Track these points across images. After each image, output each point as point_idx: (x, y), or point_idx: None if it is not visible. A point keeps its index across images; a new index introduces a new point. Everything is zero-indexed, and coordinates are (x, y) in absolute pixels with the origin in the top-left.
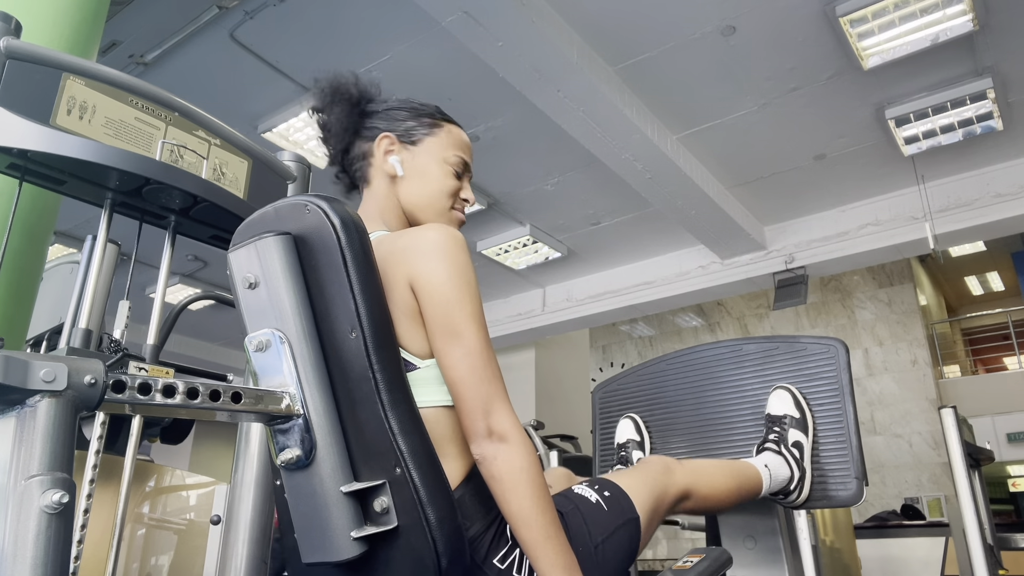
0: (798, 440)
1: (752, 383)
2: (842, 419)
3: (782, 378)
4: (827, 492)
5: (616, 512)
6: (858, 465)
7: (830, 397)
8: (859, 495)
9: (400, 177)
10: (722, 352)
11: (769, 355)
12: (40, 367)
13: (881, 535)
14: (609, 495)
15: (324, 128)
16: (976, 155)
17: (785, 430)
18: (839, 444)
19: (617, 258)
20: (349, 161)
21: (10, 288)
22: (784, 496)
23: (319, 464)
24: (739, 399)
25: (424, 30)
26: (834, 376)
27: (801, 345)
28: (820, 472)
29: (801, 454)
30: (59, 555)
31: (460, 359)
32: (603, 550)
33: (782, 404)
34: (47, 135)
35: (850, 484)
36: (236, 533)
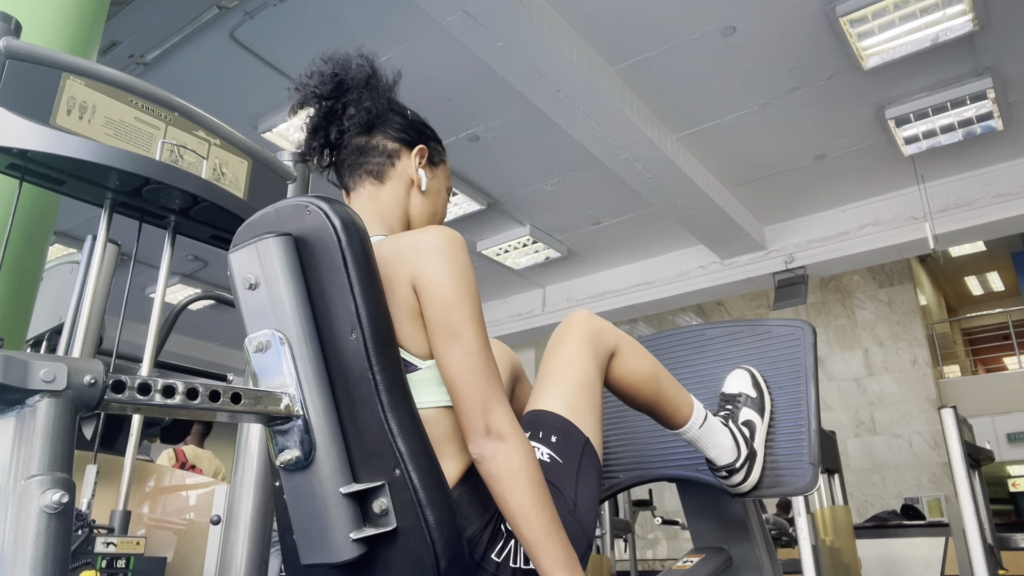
0: (750, 419)
1: (713, 367)
2: (802, 402)
3: (745, 361)
4: (779, 479)
5: (570, 452)
6: (814, 450)
7: (792, 379)
8: (813, 482)
9: (420, 191)
10: (684, 337)
11: (733, 338)
12: (40, 367)
13: (881, 535)
14: (555, 439)
15: (334, 100)
16: (976, 155)
17: (738, 408)
18: (796, 428)
19: (617, 258)
20: (358, 149)
21: (10, 288)
22: (728, 474)
23: (318, 465)
24: (699, 384)
25: (424, 30)
26: (798, 358)
27: (766, 328)
28: (773, 458)
29: (752, 434)
30: (59, 555)
31: (459, 359)
32: (578, 504)
33: (739, 383)
34: (47, 135)
35: (804, 471)
36: (236, 533)
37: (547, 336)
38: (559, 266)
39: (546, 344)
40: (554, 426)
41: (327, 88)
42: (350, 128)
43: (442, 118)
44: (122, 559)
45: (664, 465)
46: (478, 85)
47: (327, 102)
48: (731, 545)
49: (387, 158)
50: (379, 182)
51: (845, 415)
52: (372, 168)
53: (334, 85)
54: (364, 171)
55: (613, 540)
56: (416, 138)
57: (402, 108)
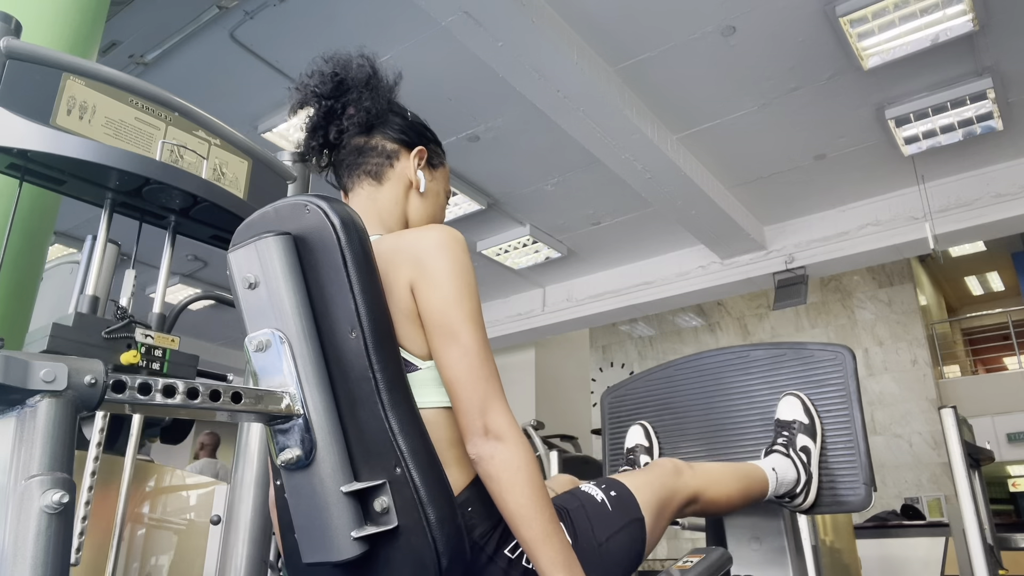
0: (806, 445)
1: (760, 389)
2: (850, 425)
3: (790, 384)
4: (836, 497)
5: (621, 512)
6: (867, 471)
7: (838, 403)
8: (867, 500)
9: (419, 193)
10: (730, 358)
11: (776, 361)
12: (40, 367)
13: (881, 535)
14: (615, 495)
15: (334, 100)
16: (976, 155)
17: (794, 435)
18: (847, 450)
19: (617, 258)
20: (357, 149)
21: (10, 288)
22: (790, 499)
23: (319, 464)
24: (747, 405)
25: (424, 30)
26: (842, 383)
27: (808, 352)
28: (828, 477)
29: (808, 459)
30: (59, 555)
31: (458, 358)
32: (607, 548)
33: (791, 410)
34: (47, 135)
35: (859, 489)
36: (236, 533)
37: (547, 336)
38: (559, 266)
39: (546, 344)
40: (619, 489)
41: (327, 88)
42: (349, 128)
43: (442, 118)
44: (159, 349)
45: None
46: (478, 85)
47: (327, 102)
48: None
49: (386, 159)
50: (377, 183)
51: None
52: (371, 168)
53: (334, 85)
54: (363, 171)
55: None
56: (415, 139)
57: (402, 109)
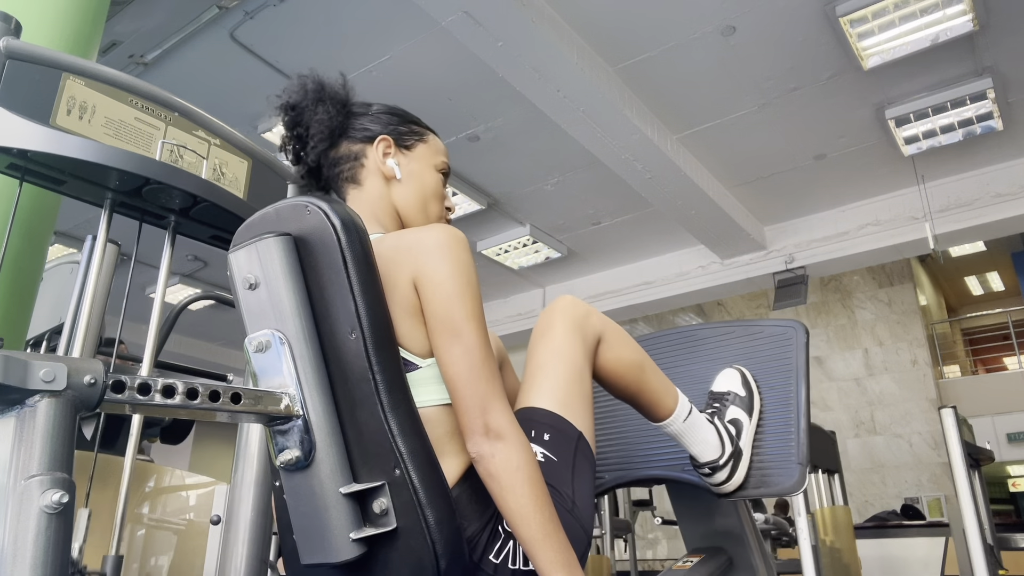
0: (737, 418)
1: (704, 367)
2: (792, 401)
3: (736, 361)
4: (766, 479)
5: (563, 449)
6: (802, 450)
7: (782, 379)
8: (801, 482)
9: (397, 180)
10: (677, 338)
11: (724, 339)
12: (40, 367)
13: (881, 535)
14: (548, 437)
15: (298, 126)
16: (976, 155)
17: (725, 406)
18: (785, 428)
19: (617, 258)
20: (332, 161)
21: (10, 288)
22: (712, 471)
23: (318, 465)
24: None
25: (424, 30)
26: (789, 357)
27: (758, 328)
28: (761, 459)
29: (738, 432)
30: (59, 555)
31: (459, 357)
32: (577, 502)
33: (727, 381)
34: (47, 135)
35: (791, 470)
36: (236, 533)
37: None
38: (559, 266)
39: None
40: (546, 423)
41: (289, 118)
42: (317, 145)
43: (442, 118)
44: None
45: (650, 465)
46: (478, 85)
47: (292, 131)
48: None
49: (355, 160)
50: (358, 185)
51: (845, 415)
52: (347, 175)
53: (292, 114)
54: (343, 180)
55: (613, 540)
56: (377, 130)
57: (364, 107)
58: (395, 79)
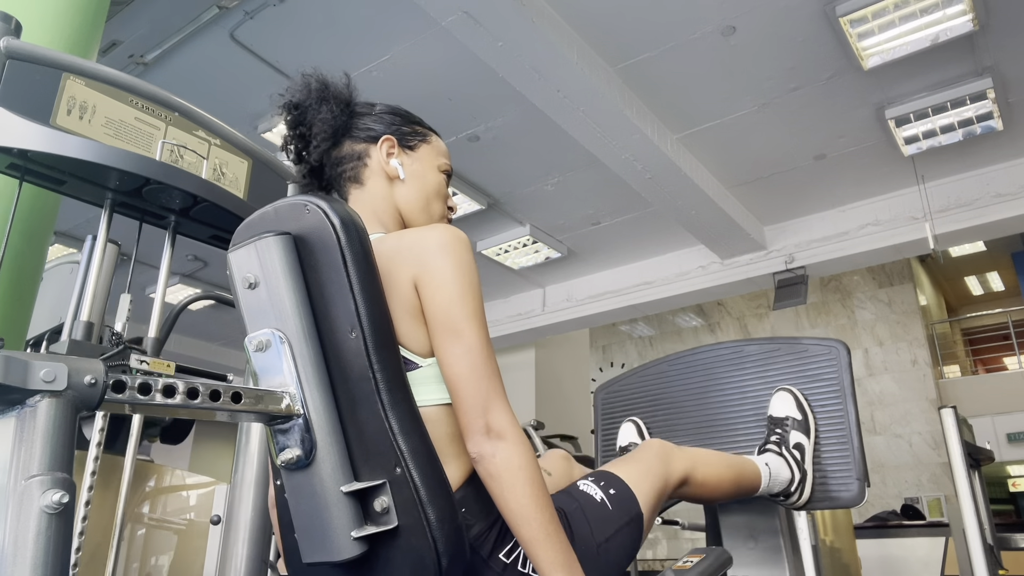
0: (799, 442)
1: (754, 384)
2: (844, 420)
3: (784, 379)
4: (828, 493)
5: (620, 510)
6: (860, 466)
7: (831, 398)
8: (860, 496)
9: (400, 180)
10: (723, 354)
11: (770, 356)
12: (40, 367)
13: (881, 535)
14: (614, 493)
15: (301, 125)
16: (976, 155)
17: (787, 432)
18: (841, 445)
19: (617, 258)
20: (335, 161)
21: (10, 288)
22: (785, 498)
23: (319, 464)
24: (741, 401)
25: (424, 30)
26: (835, 377)
27: (803, 347)
28: (821, 473)
29: (802, 456)
30: (59, 555)
31: (460, 356)
32: (606, 549)
33: (784, 406)
34: (47, 135)
35: (851, 485)
36: (236, 533)
37: (547, 336)
38: (559, 266)
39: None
40: (618, 486)
41: (291, 118)
42: (320, 144)
43: (442, 118)
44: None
45: None
46: (478, 85)
47: (296, 130)
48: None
49: (358, 160)
50: (361, 185)
51: None
52: (350, 175)
53: (295, 113)
54: (345, 180)
55: None
56: (381, 131)
57: (367, 107)
58: (395, 79)
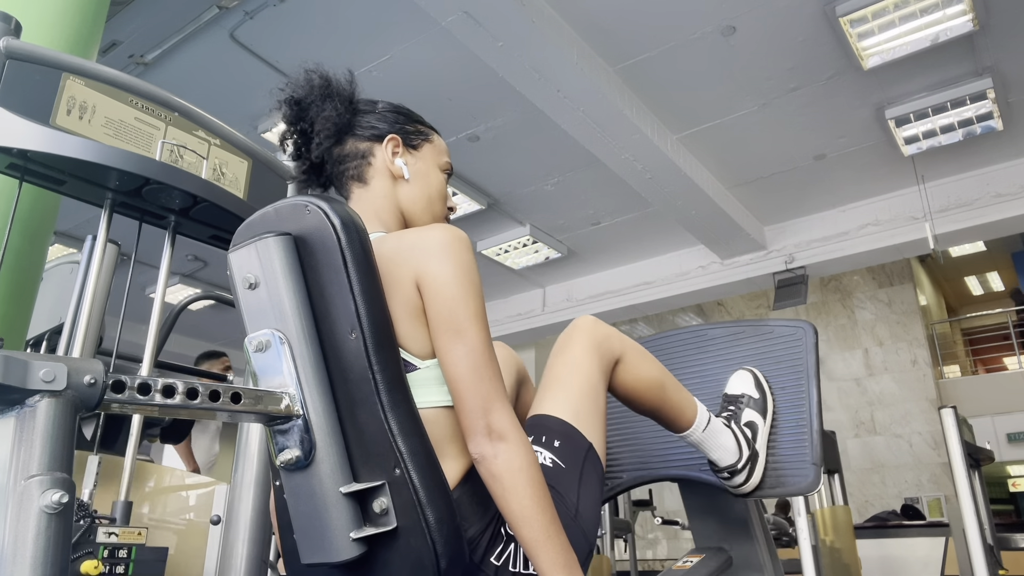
0: (752, 420)
1: (715, 368)
2: (804, 402)
3: (747, 361)
4: (782, 479)
5: (572, 458)
6: (816, 450)
7: (794, 380)
8: (815, 482)
9: (404, 180)
10: (686, 338)
11: (735, 339)
12: (40, 367)
13: (881, 535)
14: (558, 444)
15: (302, 121)
16: (976, 155)
17: (740, 409)
18: (799, 429)
19: (617, 258)
20: (338, 159)
21: (10, 288)
22: (731, 475)
23: (318, 465)
24: (701, 384)
25: (424, 30)
26: (800, 358)
27: (768, 328)
28: (775, 459)
29: (754, 435)
30: (59, 555)
31: (461, 357)
32: (580, 511)
33: (741, 384)
34: (47, 135)
35: (806, 471)
36: (236, 533)
37: (547, 336)
38: (559, 266)
39: (546, 344)
40: (557, 431)
41: (292, 113)
42: (323, 142)
43: (442, 118)
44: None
45: (667, 465)
46: (478, 85)
47: (296, 126)
48: (733, 545)
49: (362, 159)
50: (364, 184)
51: (845, 415)
52: (353, 173)
53: (296, 109)
54: (348, 178)
55: (613, 540)
56: (385, 129)
57: (369, 104)
58: (395, 79)
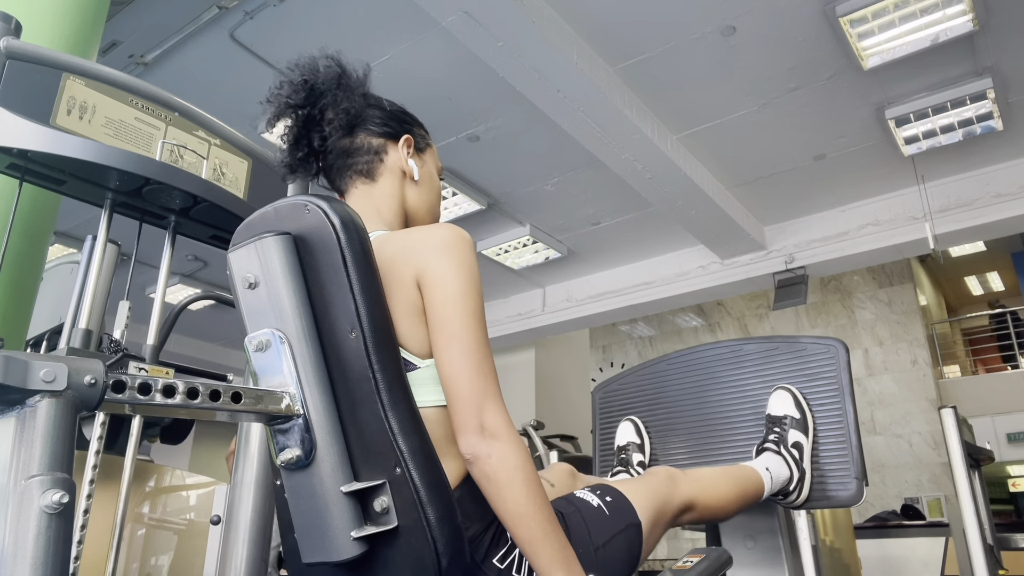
0: (798, 441)
1: (752, 383)
2: (842, 419)
3: (782, 378)
4: (827, 492)
5: (617, 517)
6: (858, 465)
7: (830, 397)
8: (859, 495)
9: (413, 181)
10: (722, 352)
11: (769, 355)
12: (40, 367)
13: (881, 535)
14: (611, 500)
15: (311, 107)
16: (976, 155)
17: (785, 431)
18: (839, 444)
19: (617, 258)
20: (345, 151)
21: (10, 288)
22: (784, 497)
23: (319, 464)
24: (739, 399)
25: (424, 30)
26: (834, 376)
27: (801, 345)
28: (820, 472)
29: (801, 455)
30: (59, 555)
31: (457, 355)
32: (603, 554)
33: (782, 404)
34: (47, 135)
35: (850, 484)
36: (236, 533)
37: (547, 336)
38: (559, 266)
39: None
40: (615, 495)
41: (300, 96)
42: (332, 132)
43: (442, 118)
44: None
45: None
46: (478, 85)
47: (303, 111)
48: (757, 536)
49: (374, 155)
50: (371, 180)
51: None
52: (361, 168)
53: (307, 92)
54: (354, 172)
55: None
56: (399, 129)
57: (378, 101)
58: (395, 79)
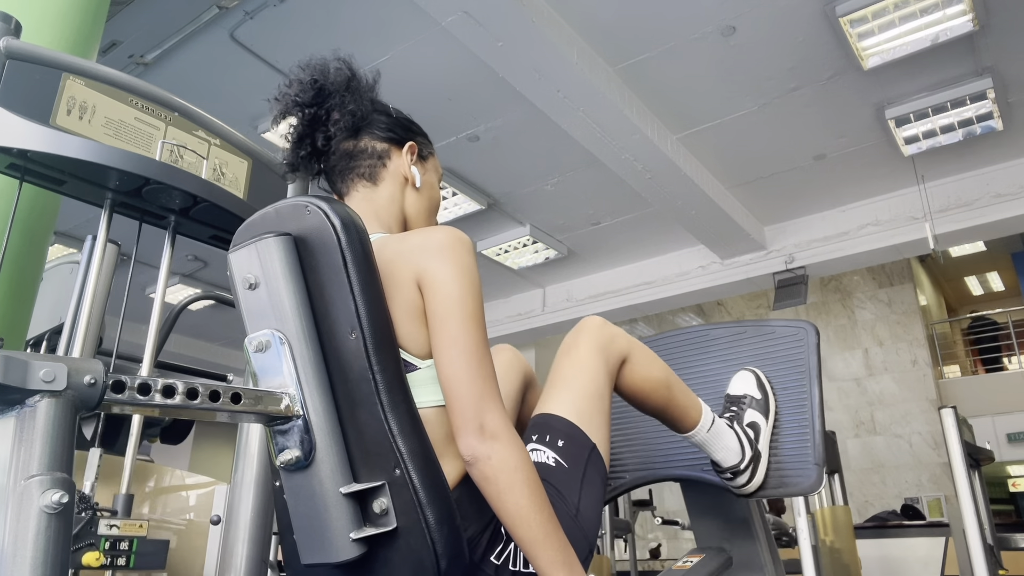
0: (755, 421)
1: (718, 368)
2: (806, 403)
3: (749, 362)
4: (784, 479)
5: (575, 458)
6: (819, 451)
7: (796, 380)
8: (818, 482)
9: (414, 188)
10: (691, 337)
11: (737, 339)
12: (40, 367)
13: (881, 535)
14: (562, 444)
15: (317, 107)
16: (976, 155)
17: (743, 409)
18: (801, 429)
19: (617, 258)
20: (348, 153)
21: (10, 288)
22: (733, 476)
23: (318, 465)
24: (703, 385)
25: (424, 30)
26: (802, 359)
27: (770, 328)
28: (778, 459)
29: (756, 435)
30: (59, 555)
31: (456, 357)
32: (581, 511)
33: (744, 384)
34: (47, 135)
35: (809, 472)
36: (236, 533)
37: (547, 336)
38: (559, 266)
39: (546, 344)
40: (561, 430)
41: (308, 95)
42: (337, 134)
43: (442, 118)
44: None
45: (670, 465)
46: (478, 85)
47: (310, 110)
48: (734, 545)
49: (378, 159)
50: (373, 184)
51: (845, 415)
52: (364, 171)
53: (315, 92)
54: (356, 175)
55: (613, 540)
56: (404, 136)
57: (384, 107)
58: (395, 79)
